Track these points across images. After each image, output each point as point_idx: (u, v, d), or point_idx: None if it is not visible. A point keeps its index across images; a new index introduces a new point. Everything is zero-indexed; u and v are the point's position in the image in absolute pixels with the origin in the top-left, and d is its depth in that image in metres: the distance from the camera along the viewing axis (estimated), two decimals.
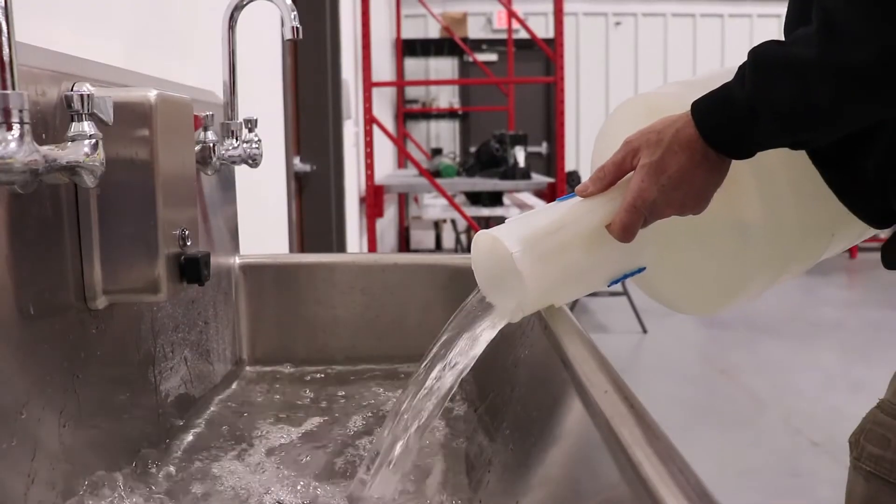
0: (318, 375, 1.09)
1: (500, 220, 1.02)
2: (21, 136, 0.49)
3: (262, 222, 1.72)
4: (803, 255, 0.83)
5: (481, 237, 0.76)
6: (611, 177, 0.72)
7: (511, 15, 5.20)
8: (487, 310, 0.75)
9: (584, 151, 6.11)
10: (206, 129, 0.90)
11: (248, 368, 1.12)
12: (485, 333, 0.73)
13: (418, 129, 7.25)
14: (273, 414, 0.94)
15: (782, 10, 0.78)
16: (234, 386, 1.04)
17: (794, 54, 0.62)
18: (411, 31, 6.94)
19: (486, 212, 4.48)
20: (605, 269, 0.76)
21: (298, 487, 0.74)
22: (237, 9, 0.94)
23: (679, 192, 0.70)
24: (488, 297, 0.76)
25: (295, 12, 0.91)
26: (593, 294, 4.60)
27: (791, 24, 0.73)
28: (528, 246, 0.71)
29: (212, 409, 0.95)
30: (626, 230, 0.70)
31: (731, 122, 0.66)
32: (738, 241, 0.81)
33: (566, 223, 0.73)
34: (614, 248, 0.72)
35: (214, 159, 0.91)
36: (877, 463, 0.76)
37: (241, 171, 1.13)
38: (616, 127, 0.85)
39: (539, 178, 4.44)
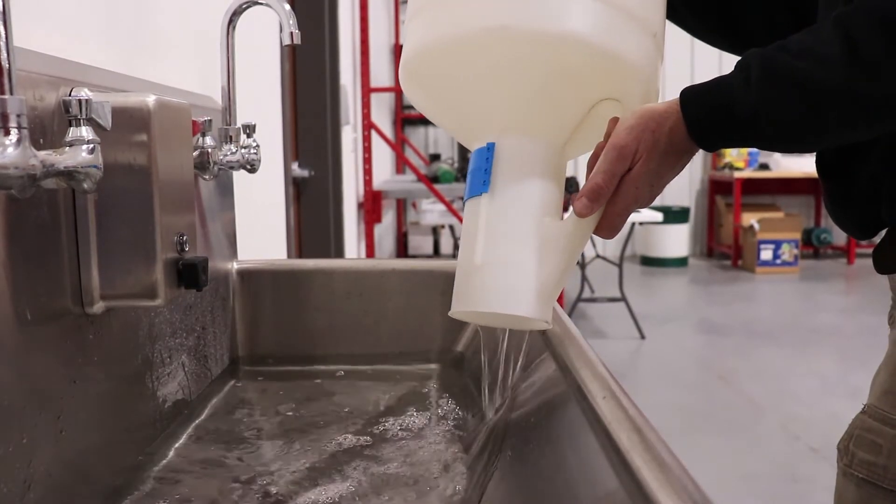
0: (316, 380, 1.08)
1: None
2: (19, 140, 0.49)
3: (260, 228, 1.71)
4: None
5: (485, 319, 0.71)
6: (611, 189, 0.67)
7: None
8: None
9: (581, 157, 6.11)
10: (204, 135, 0.90)
11: (245, 373, 1.11)
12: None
13: (417, 135, 7.26)
14: (271, 418, 0.94)
15: None
16: (231, 391, 1.04)
17: (810, 74, 0.61)
18: None
19: None
20: None
21: (298, 490, 0.73)
22: (236, 14, 0.94)
23: (663, 187, 0.70)
24: (503, 326, 0.75)
25: (294, 18, 0.91)
26: (591, 300, 4.62)
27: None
28: (547, 304, 0.67)
29: (209, 413, 0.95)
30: (616, 231, 0.70)
31: (729, 128, 0.65)
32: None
33: (568, 262, 0.68)
34: None
35: (212, 165, 0.91)
36: (869, 469, 0.76)
37: (240, 177, 1.13)
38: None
39: None
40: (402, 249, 6.28)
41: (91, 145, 0.58)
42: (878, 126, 0.63)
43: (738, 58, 0.67)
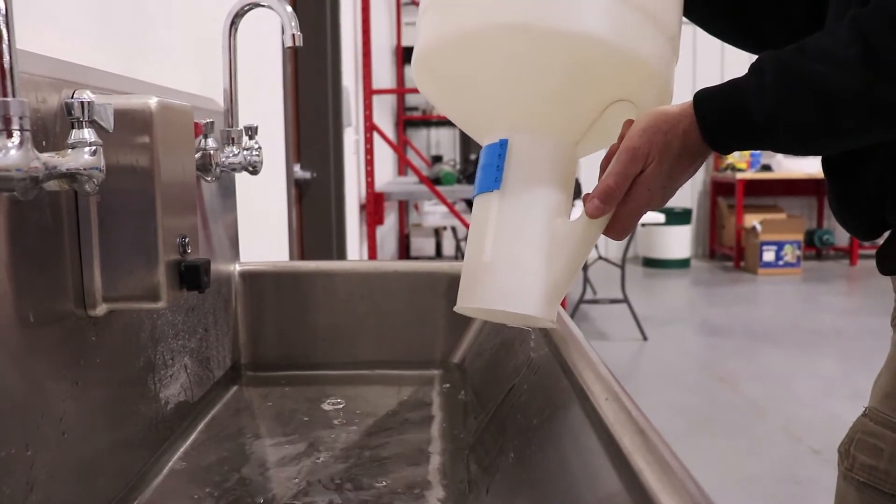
0: (318, 383, 1.08)
1: None
2: (21, 143, 0.49)
3: (262, 229, 1.72)
4: None
5: (488, 315, 0.72)
6: (622, 191, 0.67)
7: None
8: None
9: (582, 159, 6.11)
10: (206, 137, 0.90)
11: (247, 375, 1.11)
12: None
13: (418, 137, 7.26)
14: (273, 421, 0.94)
15: None
16: (233, 393, 1.04)
17: (827, 78, 0.60)
18: (412, 39, 6.92)
19: None
20: None
21: (300, 494, 0.73)
22: (238, 16, 0.94)
23: (675, 189, 0.70)
24: (508, 323, 0.75)
25: (295, 20, 0.91)
26: (593, 301, 4.61)
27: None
28: (554, 304, 0.67)
29: (211, 416, 0.95)
30: (627, 233, 0.70)
31: (744, 132, 0.64)
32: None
33: (577, 263, 0.68)
34: None
35: (214, 166, 0.91)
36: (870, 473, 0.75)
37: (242, 179, 1.13)
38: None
39: None
40: (404, 251, 6.29)
41: (93, 147, 0.58)
42: None
43: (740, 54, 0.66)
